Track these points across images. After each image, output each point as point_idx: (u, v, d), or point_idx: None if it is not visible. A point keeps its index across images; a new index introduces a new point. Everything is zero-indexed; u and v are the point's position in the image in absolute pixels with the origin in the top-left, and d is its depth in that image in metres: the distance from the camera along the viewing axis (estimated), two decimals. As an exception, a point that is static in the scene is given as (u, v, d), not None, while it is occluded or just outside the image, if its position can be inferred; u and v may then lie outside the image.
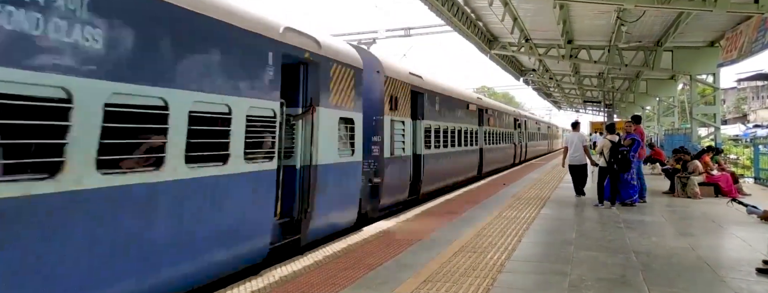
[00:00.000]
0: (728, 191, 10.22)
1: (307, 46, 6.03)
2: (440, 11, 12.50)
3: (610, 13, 11.90)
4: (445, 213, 8.39)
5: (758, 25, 10.12)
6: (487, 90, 64.48)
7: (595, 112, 45.77)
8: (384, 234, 6.56)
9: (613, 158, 8.97)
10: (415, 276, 4.60)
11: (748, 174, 15.16)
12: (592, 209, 8.88)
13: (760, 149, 14.12)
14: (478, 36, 15.80)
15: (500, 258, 5.29)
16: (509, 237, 6.33)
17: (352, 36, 23.88)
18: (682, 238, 6.37)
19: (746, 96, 72.77)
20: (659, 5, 8.94)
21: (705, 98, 17.16)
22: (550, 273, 4.76)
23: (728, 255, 5.68)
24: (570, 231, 6.80)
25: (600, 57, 16.39)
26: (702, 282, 4.48)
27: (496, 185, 13.16)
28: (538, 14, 13.15)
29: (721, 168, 11.56)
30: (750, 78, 31.96)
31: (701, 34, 14.09)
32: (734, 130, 41.84)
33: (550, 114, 66.67)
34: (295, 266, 5.09)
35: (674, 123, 24.15)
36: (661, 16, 12.45)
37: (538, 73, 25.12)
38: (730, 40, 12.28)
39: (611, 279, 4.55)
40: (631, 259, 5.25)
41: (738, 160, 20.17)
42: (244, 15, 4.97)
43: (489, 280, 4.48)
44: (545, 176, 15.98)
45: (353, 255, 5.49)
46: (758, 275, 4.64)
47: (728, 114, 64.04)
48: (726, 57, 12.53)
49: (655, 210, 8.81)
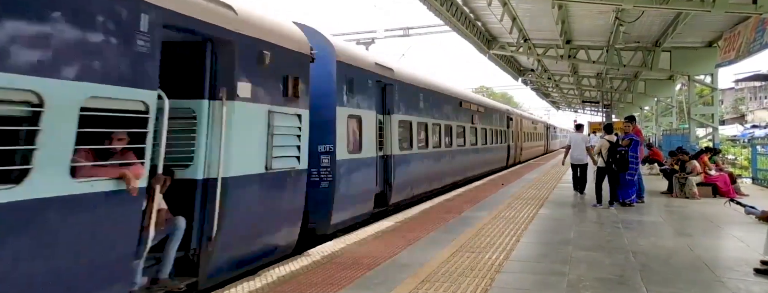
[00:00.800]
0: (726, 191, 10.24)
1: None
2: (439, 11, 12.50)
3: (608, 14, 11.91)
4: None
5: (756, 26, 10.14)
6: (486, 90, 64.60)
7: (594, 113, 45.85)
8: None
9: (612, 158, 8.99)
10: (413, 276, 4.60)
11: (746, 175, 15.18)
12: (591, 209, 8.89)
13: (758, 149, 14.14)
14: (476, 36, 15.81)
15: (498, 258, 5.29)
16: (507, 237, 6.34)
17: (351, 36, 23.94)
18: (680, 238, 6.38)
19: (744, 96, 72.99)
20: (657, 5, 8.95)
21: (703, 98, 17.19)
22: (549, 273, 4.76)
23: (726, 255, 5.69)
24: (568, 231, 6.80)
25: (598, 57, 16.41)
26: (700, 282, 4.49)
27: (495, 185, 13.15)
28: (536, 14, 13.17)
29: (719, 168, 11.58)
30: (748, 78, 32.07)
31: (699, 34, 14.12)
32: (732, 131, 41.95)
33: (548, 114, 66.78)
34: (292, 266, 5.08)
35: (672, 123, 24.20)
36: (660, 17, 12.47)
37: (537, 73, 25.14)
38: (728, 41, 12.31)
39: (609, 279, 4.55)
40: (629, 259, 5.25)
41: (736, 161, 20.21)
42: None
43: (487, 280, 4.48)
44: (544, 176, 15.98)
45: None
46: (756, 275, 4.64)
47: (726, 114, 64.18)
48: (724, 57, 12.56)
49: (654, 210, 8.82)
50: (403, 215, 8.23)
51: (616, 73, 21.65)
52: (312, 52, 6.07)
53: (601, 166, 9.28)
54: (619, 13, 11.32)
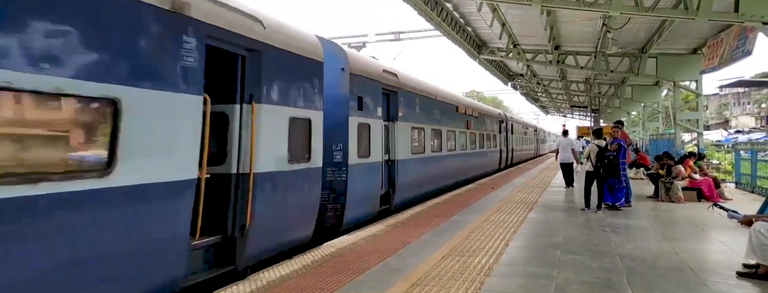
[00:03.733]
0: (710, 196, 10.41)
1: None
2: (429, 16, 12.59)
3: (596, 20, 12.10)
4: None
5: (738, 34, 10.39)
6: (476, 94, 64.97)
7: (582, 117, 46.37)
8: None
9: (600, 163, 9.09)
10: (403, 280, 4.62)
11: (730, 180, 15.45)
12: (579, 213, 8.99)
13: (741, 154, 14.41)
14: (467, 41, 15.94)
15: (488, 261, 5.33)
16: (497, 241, 6.39)
17: (342, 39, 23.95)
18: (665, 242, 6.48)
19: (728, 102, 74.32)
20: (643, 13, 9.11)
21: (688, 104, 17.50)
22: (537, 276, 4.81)
23: (710, 258, 5.80)
24: (557, 235, 6.87)
25: (586, 63, 16.64)
26: (684, 285, 4.57)
27: (485, 189, 13.24)
28: (525, 20, 13.31)
29: (704, 173, 11.78)
30: (731, 84, 32.67)
31: (684, 41, 14.38)
32: (716, 136, 42.73)
33: (537, 118, 67.38)
34: (282, 270, 5.07)
35: (659, 128, 24.56)
36: (646, 24, 12.70)
37: (526, 78, 25.38)
38: (711, 48, 12.58)
39: (596, 282, 4.62)
40: (616, 263, 5.33)
41: (720, 166, 20.57)
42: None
43: (477, 284, 4.51)
44: (533, 180, 16.12)
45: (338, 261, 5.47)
46: (738, 278, 4.75)
47: (711, 120, 65.31)
48: (708, 64, 12.83)
49: (640, 214, 8.95)
50: (394, 219, 8.26)
51: (603, 79, 21.94)
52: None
53: (589, 171, 9.40)
54: (607, 19, 11.50)
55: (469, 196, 11.51)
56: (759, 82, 26.02)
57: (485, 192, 12.46)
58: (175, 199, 4.11)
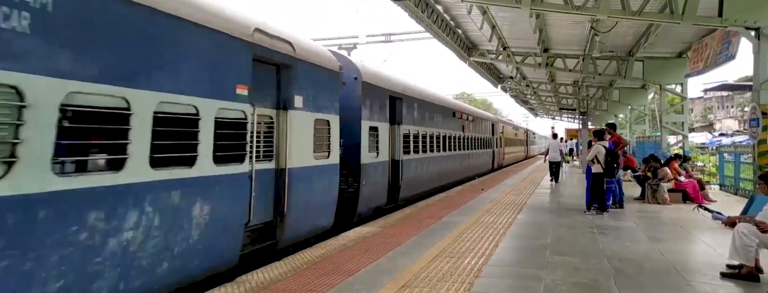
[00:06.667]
0: (695, 197, 10.58)
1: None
2: (420, 18, 12.62)
3: (584, 24, 12.23)
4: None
5: (722, 38, 10.56)
6: (466, 96, 65.27)
7: (571, 119, 46.79)
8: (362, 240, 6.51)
9: (615, 163, 9.01)
10: (393, 281, 4.62)
11: (714, 182, 15.70)
12: (568, 214, 9.07)
13: (725, 157, 14.66)
14: (457, 43, 16.01)
15: (477, 263, 5.36)
16: (486, 242, 6.42)
17: (333, 41, 23.90)
18: (652, 243, 6.57)
19: (712, 105, 75.62)
20: (630, 17, 9.23)
21: (674, 107, 17.76)
22: (526, 277, 4.84)
23: (695, 259, 5.89)
24: (545, 237, 6.93)
25: (575, 66, 16.81)
26: (670, 286, 4.64)
27: (475, 191, 13.30)
28: (515, 23, 13.42)
29: (689, 175, 11.96)
30: (716, 88, 33.28)
31: (670, 45, 14.61)
32: (701, 138, 43.32)
33: (527, 120, 67.90)
34: (271, 272, 5.04)
35: (645, 131, 24.88)
36: (633, 28, 12.87)
37: (516, 81, 25.54)
38: (696, 52, 12.77)
39: (584, 283, 4.67)
40: (603, 264, 5.39)
41: (704, 168, 20.88)
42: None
43: (466, 285, 4.53)
44: (522, 182, 16.23)
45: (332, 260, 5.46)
46: (722, 279, 4.83)
47: (696, 123, 66.32)
48: (693, 68, 13.02)
49: (627, 216, 9.05)
50: (385, 220, 8.26)
51: (591, 82, 22.16)
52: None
53: (598, 172, 9.14)
54: (595, 23, 11.64)
55: (459, 198, 11.55)
56: (742, 86, 26.51)
57: (476, 193, 12.52)
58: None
